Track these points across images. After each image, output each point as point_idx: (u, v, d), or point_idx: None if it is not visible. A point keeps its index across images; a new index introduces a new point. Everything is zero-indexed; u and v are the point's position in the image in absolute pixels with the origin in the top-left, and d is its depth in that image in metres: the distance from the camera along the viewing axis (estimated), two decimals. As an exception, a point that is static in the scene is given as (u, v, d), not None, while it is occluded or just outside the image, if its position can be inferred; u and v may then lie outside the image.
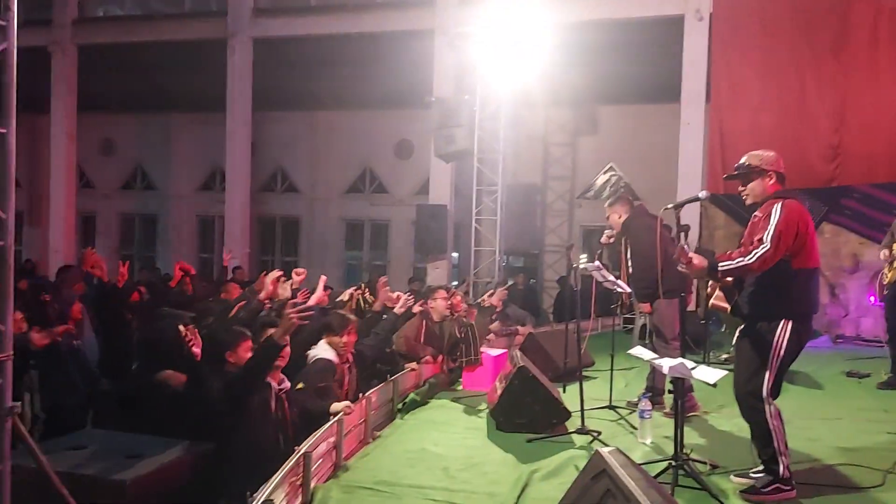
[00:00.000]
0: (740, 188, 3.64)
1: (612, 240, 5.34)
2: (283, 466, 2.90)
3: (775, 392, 3.43)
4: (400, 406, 5.00)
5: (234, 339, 3.79)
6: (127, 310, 5.57)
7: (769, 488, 3.34)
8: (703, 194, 3.91)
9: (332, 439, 3.65)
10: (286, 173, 15.14)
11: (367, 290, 6.87)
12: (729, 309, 3.66)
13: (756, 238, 3.35)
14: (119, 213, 16.10)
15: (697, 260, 3.41)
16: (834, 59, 8.54)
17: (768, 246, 3.29)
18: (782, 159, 3.61)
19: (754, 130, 8.78)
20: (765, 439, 3.36)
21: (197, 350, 3.53)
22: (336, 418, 3.72)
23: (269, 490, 2.65)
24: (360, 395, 4.43)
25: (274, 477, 2.77)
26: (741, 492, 3.42)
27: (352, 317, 4.74)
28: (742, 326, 3.63)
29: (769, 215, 3.37)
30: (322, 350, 4.42)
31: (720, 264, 3.38)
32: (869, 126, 8.31)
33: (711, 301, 3.83)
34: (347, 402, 3.91)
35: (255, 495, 2.59)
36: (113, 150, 16.00)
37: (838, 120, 8.50)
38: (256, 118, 13.00)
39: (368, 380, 5.05)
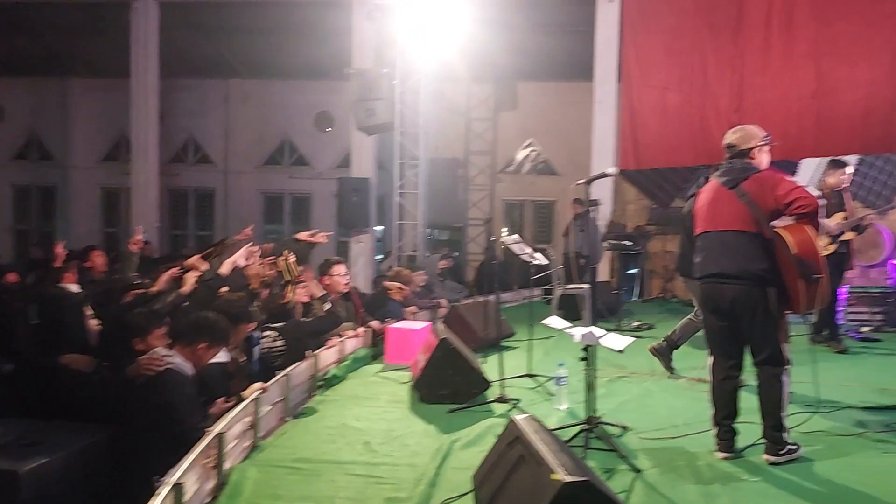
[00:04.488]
0: None
1: None
2: (195, 448, 2.78)
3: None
4: (321, 382, 4.94)
5: (147, 325, 3.60)
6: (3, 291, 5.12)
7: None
8: (611, 170, 4.02)
9: (248, 419, 3.55)
10: (198, 144, 14.46)
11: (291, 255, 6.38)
12: None
13: None
14: (12, 184, 14.91)
15: None
16: (732, 41, 8.88)
17: None
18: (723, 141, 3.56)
19: (662, 109, 8.98)
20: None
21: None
22: (252, 397, 3.63)
23: (179, 473, 2.53)
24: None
25: (184, 459, 2.65)
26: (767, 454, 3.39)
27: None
28: None
29: None
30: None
31: None
32: (763, 106, 8.72)
33: None
34: (261, 384, 3.78)
35: (163, 479, 2.47)
36: (2, 117, 14.74)
37: (737, 100, 8.90)
38: (164, 85, 12.28)
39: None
